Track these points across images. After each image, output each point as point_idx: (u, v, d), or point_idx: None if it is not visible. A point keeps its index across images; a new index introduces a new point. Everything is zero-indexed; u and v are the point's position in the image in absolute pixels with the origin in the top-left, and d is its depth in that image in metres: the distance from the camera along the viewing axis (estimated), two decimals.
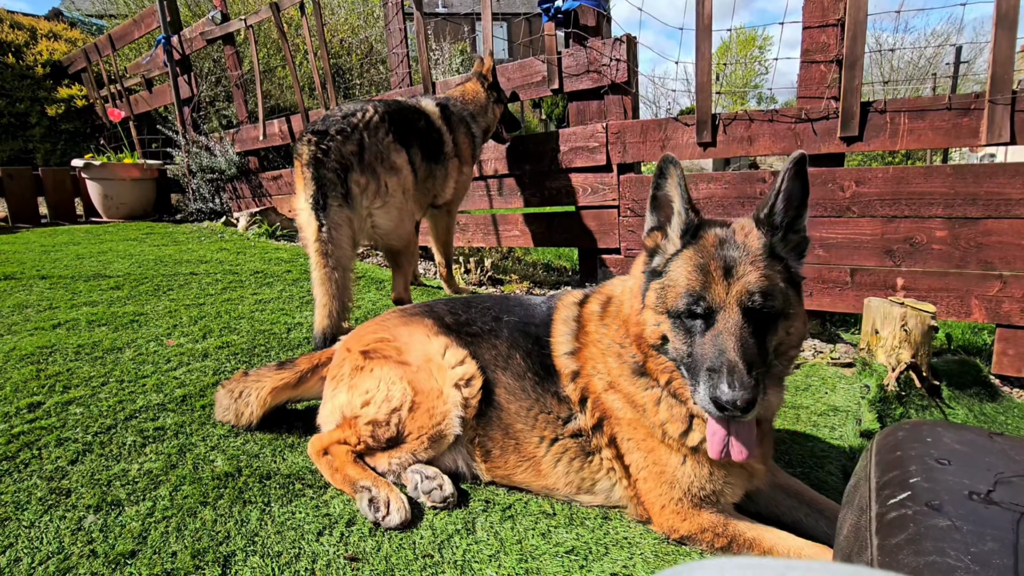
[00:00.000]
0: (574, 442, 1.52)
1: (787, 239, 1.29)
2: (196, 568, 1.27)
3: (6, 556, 1.27)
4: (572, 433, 1.53)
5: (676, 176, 1.30)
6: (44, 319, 2.78)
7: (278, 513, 1.48)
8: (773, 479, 1.51)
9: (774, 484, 1.52)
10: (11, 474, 1.55)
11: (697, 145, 3.24)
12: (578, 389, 1.52)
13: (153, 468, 1.62)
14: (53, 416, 1.86)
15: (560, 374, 1.55)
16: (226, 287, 3.49)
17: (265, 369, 1.87)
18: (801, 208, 1.28)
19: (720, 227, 1.31)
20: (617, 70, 3.42)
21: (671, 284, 1.29)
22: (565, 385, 1.53)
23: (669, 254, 1.33)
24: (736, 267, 1.22)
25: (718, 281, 1.22)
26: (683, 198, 1.30)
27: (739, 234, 1.28)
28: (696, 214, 1.33)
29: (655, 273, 1.35)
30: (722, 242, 1.26)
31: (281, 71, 8.60)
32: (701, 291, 1.23)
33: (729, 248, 1.25)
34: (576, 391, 1.52)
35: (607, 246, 3.70)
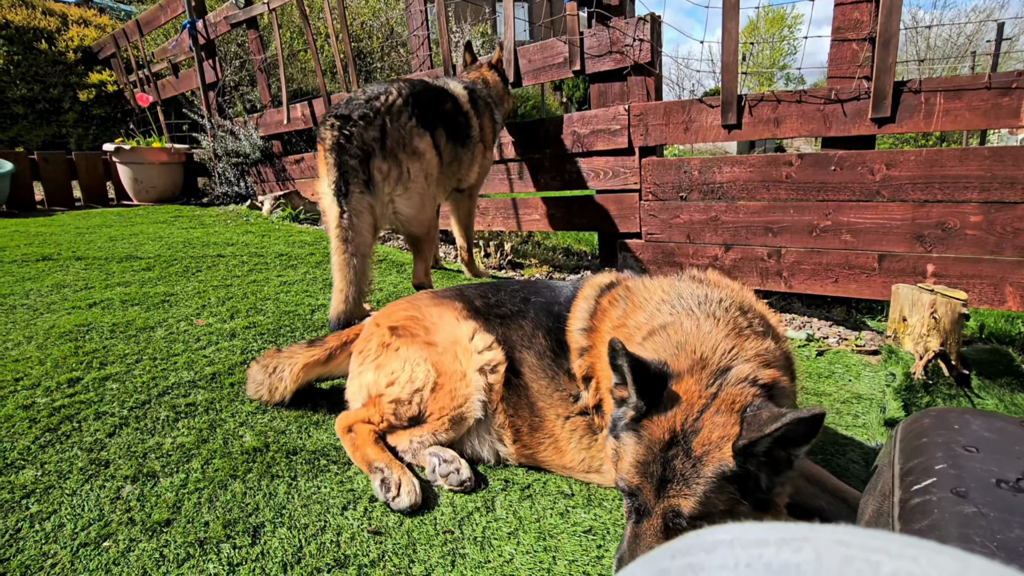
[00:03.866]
0: (582, 420, 1.55)
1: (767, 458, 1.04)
2: (227, 537, 1.33)
3: (51, 522, 1.35)
4: (580, 411, 1.55)
5: (625, 364, 1.11)
6: (80, 298, 2.89)
7: (304, 487, 1.53)
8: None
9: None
10: (53, 445, 1.64)
11: (722, 127, 3.17)
12: (584, 366, 1.52)
13: (185, 442, 1.69)
14: (91, 391, 1.94)
15: (571, 349, 1.56)
16: (252, 269, 3.57)
17: (296, 347, 1.92)
18: (801, 443, 1.02)
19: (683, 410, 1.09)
20: (640, 50, 3.36)
21: (620, 461, 1.16)
22: (574, 360, 1.54)
23: (627, 419, 1.16)
24: (672, 484, 1.06)
25: (650, 489, 1.09)
26: (633, 384, 1.12)
27: (699, 442, 1.05)
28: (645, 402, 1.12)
29: (615, 425, 1.20)
30: (670, 444, 1.07)
31: (304, 55, 8.63)
32: (635, 489, 1.11)
33: (676, 457, 1.06)
34: (582, 368, 1.53)
35: (628, 230, 3.66)
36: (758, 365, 1.14)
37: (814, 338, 2.85)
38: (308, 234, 4.76)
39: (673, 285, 1.44)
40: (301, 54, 8.68)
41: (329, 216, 2.67)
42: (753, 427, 1.01)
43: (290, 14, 8.53)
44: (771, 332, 1.32)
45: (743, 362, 1.14)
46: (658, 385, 1.12)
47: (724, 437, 1.04)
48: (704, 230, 3.32)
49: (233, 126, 6.52)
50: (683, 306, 1.33)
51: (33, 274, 3.29)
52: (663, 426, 1.09)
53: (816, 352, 2.65)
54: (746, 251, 3.19)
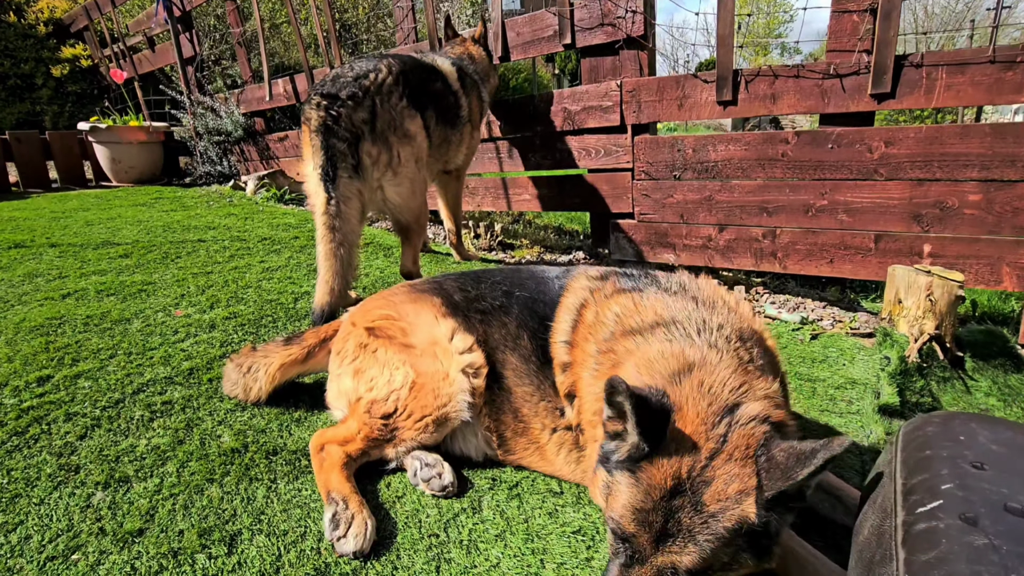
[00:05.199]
0: (569, 435, 1.46)
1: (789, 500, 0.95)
2: (203, 547, 1.28)
3: (17, 534, 1.29)
4: (566, 425, 1.47)
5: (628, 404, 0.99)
6: (54, 288, 2.79)
7: (284, 491, 1.48)
8: None
9: None
10: (21, 450, 1.57)
11: (717, 104, 3.07)
12: (566, 384, 1.43)
13: (161, 444, 1.63)
14: (62, 390, 1.87)
15: (554, 361, 1.47)
16: (234, 254, 3.47)
17: (273, 344, 1.85)
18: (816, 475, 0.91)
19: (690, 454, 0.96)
20: (633, 23, 3.22)
21: (612, 499, 1.04)
22: (557, 375, 1.46)
23: (622, 456, 1.04)
24: (675, 539, 0.94)
25: (647, 539, 0.97)
26: (636, 426, 0.99)
27: (712, 496, 0.93)
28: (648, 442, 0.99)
29: (607, 458, 1.09)
30: (674, 492, 0.95)
31: (287, 27, 8.32)
32: (630, 536, 1.00)
33: (682, 509, 0.94)
34: (564, 385, 1.44)
35: (620, 210, 3.58)
36: (769, 405, 1.03)
37: (808, 320, 2.81)
38: (292, 216, 4.64)
39: (668, 306, 1.29)
40: (284, 26, 8.37)
41: (315, 201, 2.56)
42: (775, 474, 0.90)
43: None
44: (772, 362, 1.22)
45: (753, 400, 1.02)
46: (659, 422, 0.99)
47: (743, 491, 0.92)
48: (698, 210, 3.25)
49: (214, 103, 6.31)
50: (682, 332, 1.20)
51: (4, 263, 3.18)
52: (666, 471, 0.97)
53: (810, 335, 2.61)
54: (740, 231, 3.13)
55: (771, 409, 1.02)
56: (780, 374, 1.25)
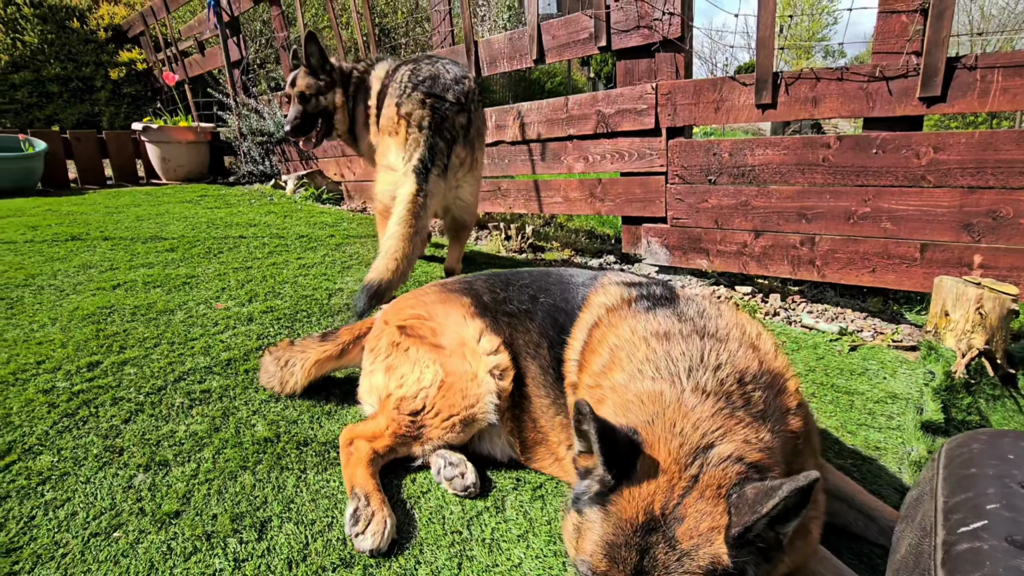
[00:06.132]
0: None
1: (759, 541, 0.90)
2: (235, 532, 1.32)
3: (65, 510, 1.36)
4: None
5: (592, 430, 0.96)
6: (105, 279, 2.93)
7: (313, 481, 1.52)
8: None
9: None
10: (71, 430, 1.66)
11: (755, 107, 3.00)
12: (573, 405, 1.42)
13: (199, 430, 1.69)
14: (110, 376, 1.96)
15: (565, 380, 1.43)
16: (272, 251, 3.58)
17: (309, 340, 1.90)
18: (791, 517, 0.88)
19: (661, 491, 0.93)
20: (670, 25, 3.18)
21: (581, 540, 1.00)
22: (568, 394, 1.42)
23: (592, 493, 1.01)
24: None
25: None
26: (600, 454, 0.96)
27: (685, 533, 0.90)
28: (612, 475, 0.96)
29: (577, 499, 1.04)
30: (648, 528, 0.92)
31: (328, 32, 8.55)
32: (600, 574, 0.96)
33: (656, 546, 0.90)
34: (571, 406, 1.39)
35: (652, 215, 3.54)
36: (747, 448, 0.97)
37: (847, 331, 2.71)
38: (329, 215, 4.75)
39: (666, 339, 1.21)
40: (326, 31, 8.60)
41: (403, 191, 2.66)
42: (743, 509, 0.87)
43: None
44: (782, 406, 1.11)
45: (727, 442, 0.97)
46: (628, 456, 0.96)
47: (714, 529, 0.89)
48: (733, 215, 3.18)
49: (258, 104, 6.53)
50: (669, 371, 1.13)
51: (62, 254, 3.36)
52: (636, 505, 0.93)
53: (849, 347, 2.52)
54: (777, 238, 3.05)
55: (748, 451, 0.97)
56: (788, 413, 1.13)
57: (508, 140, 4.24)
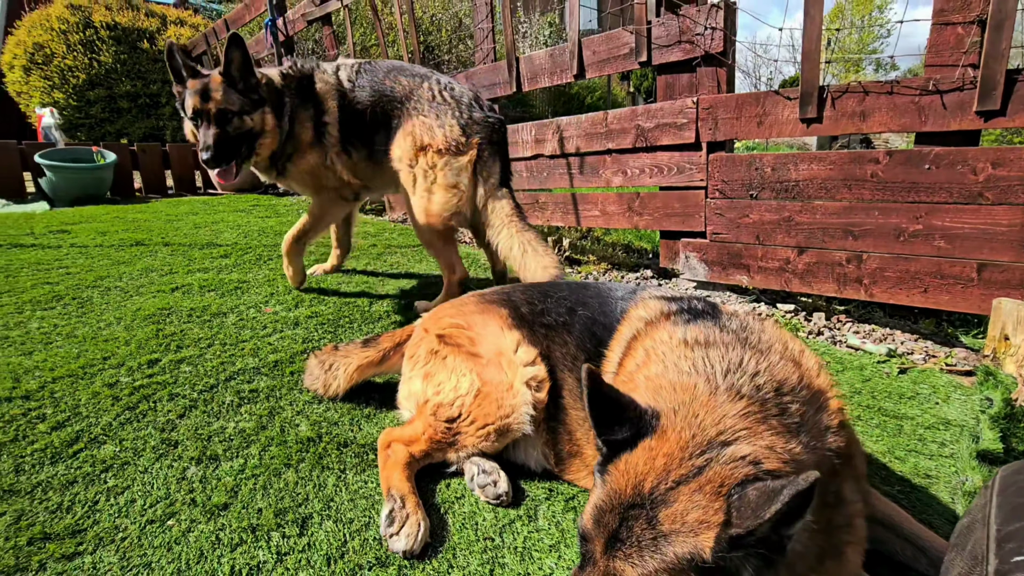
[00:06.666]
0: None
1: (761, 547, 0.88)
2: (278, 526, 1.38)
3: (124, 496, 1.46)
4: None
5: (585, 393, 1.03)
6: (165, 283, 3.12)
7: (352, 481, 1.57)
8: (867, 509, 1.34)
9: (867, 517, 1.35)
10: (132, 423, 1.77)
11: (800, 121, 2.95)
12: None
13: (246, 428, 1.78)
14: (167, 373, 2.09)
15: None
16: (318, 259, 3.71)
17: (353, 345, 1.97)
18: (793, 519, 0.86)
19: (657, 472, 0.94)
20: (712, 39, 3.17)
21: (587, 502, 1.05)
22: None
23: (599, 462, 1.06)
24: (623, 544, 0.93)
25: (600, 540, 0.97)
26: (592, 418, 1.02)
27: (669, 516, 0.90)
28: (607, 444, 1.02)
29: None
30: (633, 503, 0.94)
31: (375, 49, 8.87)
32: (587, 534, 1.00)
33: (636, 519, 0.93)
34: None
35: (692, 229, 3.50)
36: (767, 452, 0.95)
37: (896, 353, 2.61)
38: (372, 225, 4.90)
39: (704, 344, 1.21)
40: (373, 48, 8.92)
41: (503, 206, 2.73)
42: (745, 512, 0.85)
43: (363, 9, 8.77)
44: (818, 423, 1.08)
45: (746, 443, 0.96)
46: (637, 432, 0.99)
47: (703, 522, 0.88)
48: (776, 231, 3.12)
49: None
50: (704, 368, 1.13)
51: (127, 258, 3.59)
52: (629, 478, 0.96)
53: (898, 369, 2.42)
54: (822, 255, 2.97)
55: (767, 456, 0.94)
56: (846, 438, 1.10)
57: (547, 154, 4.29)
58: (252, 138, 2.68)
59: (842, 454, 1.09)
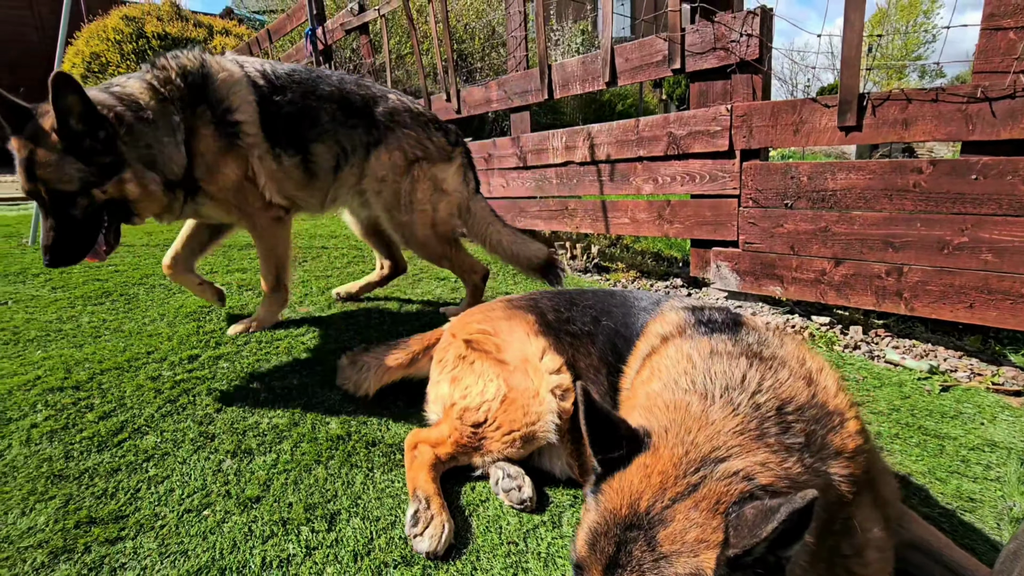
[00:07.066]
0: None
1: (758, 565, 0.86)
2: (307, 520, 1.42)
3: (164, 486, 1.52)
4: None
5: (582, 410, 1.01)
6: None
7: (380, 479, 1.60)
8: (900, 535, 1.27)
9: (902, 542, 1.27)
10: (172, 415, 1.84)
11: (838, 129, 2.88)
12: None
13: (279, 424, 1.83)
14: (206, 368, 2.17)
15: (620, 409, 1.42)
16: (350, 261, 3.80)
17: (382, 347, 2.01)
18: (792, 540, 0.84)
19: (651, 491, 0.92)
20: (748, 46, 3.13)
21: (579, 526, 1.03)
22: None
23: (591, 483, 1.04)
24: (624, 570, 0.90)
25: (597, 569, 0.94)
26: (588, 435, 1.01)
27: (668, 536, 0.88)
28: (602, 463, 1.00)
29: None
30: (630, 523, 0.91)
31: (410, 58, 9.04)
32: (582, 562, 0.97)
33: (635, 542, 0.90)
34: None
35: (723, 238, 3.45)
36: (759, 468, 0.93)
37: (938, 370, 2.51)
38: None
39: (710, 357, 1.19)
40: (408, 57, 9.10)
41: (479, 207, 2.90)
42: (742, 531, 0.83)
43: (399, 18, 8.95)
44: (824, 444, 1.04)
45: (739, 459, 0.94)
46: (628, 452, 0.98)
47: (702, 542, 0.86)
48: (811, 241, 3.04)
49: None
50: (704, 386, 1.11)
51: None
52: (623, 497, 0.94)
53: (940, 387, 2.33)
54: (860, 267, 2.88)
55: (760, 472, 0.93)
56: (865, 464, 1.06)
57: (577, 161, 4.29)
58: (120, 205, 2.01)
59: (857, 480, 1.05)
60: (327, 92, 2.45)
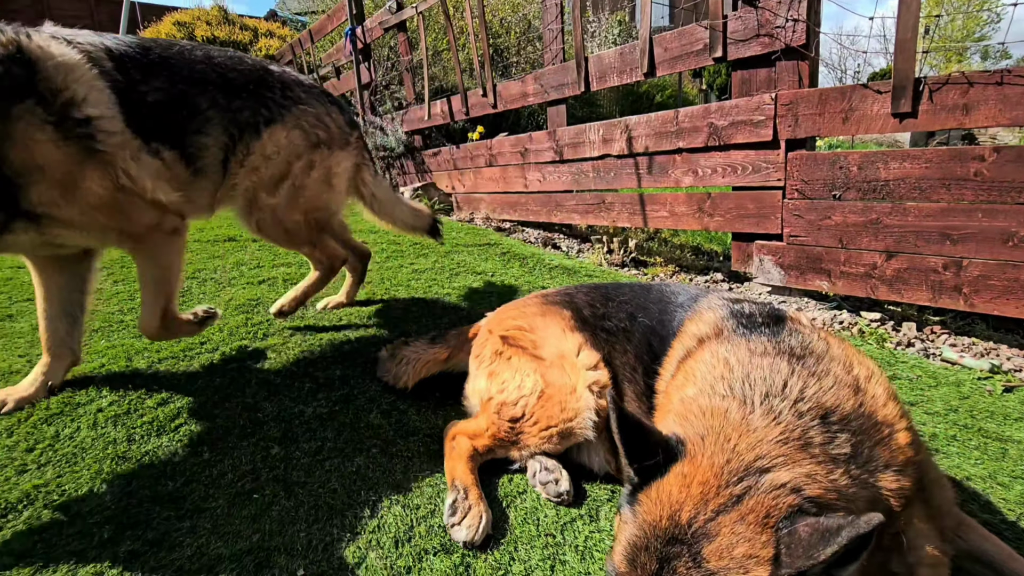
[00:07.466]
0: None
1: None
2: (350, 506, 1.47)
3: (216, 469, 1.60)
4: None
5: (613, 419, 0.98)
6: (253, 275, 3.36)
7: (419, 469, 1.63)
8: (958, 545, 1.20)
9: (960, 552, 1.20)
10: (224, 402, 1.93)
11: (891, 116, 2.74)
12: None
13: (323, 413, 1.89)
14: (255, 359, 2.26)
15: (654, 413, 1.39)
16: (389, 256, 3.87)
17: (422, 341, 2.05)
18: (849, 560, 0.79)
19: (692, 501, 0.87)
20: (794, 32, 3.02)
21: (615, 539, 0.98)
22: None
23: (626, 493, 1.00)
24: None
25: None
26: (622, 445, 0.96)
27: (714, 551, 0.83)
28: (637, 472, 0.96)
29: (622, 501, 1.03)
30: (671, 537, 0.86)
31: (446, 54, 9.11)
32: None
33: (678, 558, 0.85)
34: None
35: (766, 231, 3.34)
36: (807, 480, 0.89)
37: (1000, 369, 2.37)
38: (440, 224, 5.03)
39: (749, 361, 1.14)
40: (444, 53, 9.17)
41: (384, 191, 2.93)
42: (796, 551, 0.79)
43: (436, 15, 9.03)
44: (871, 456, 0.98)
45: (785, 470, 0.89)
46: (664, 461, 0.94)
47: (751, 557, 0.81)
48: (861, 234, 2.92)
49: (382, 122, 7.11)
50: (743, 392, 1.06)
51: (220, 252, 3.90)
52: (663, 508, 0.89)
53: (1003, 387, 2.21)
54: (914, 260, 2.75)
55: (808, 484, 0.88)
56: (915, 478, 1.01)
57: (615, 154, 4.24)
58: None
59: (907, 495, 1.00)
60: (200, 72, 1.95)
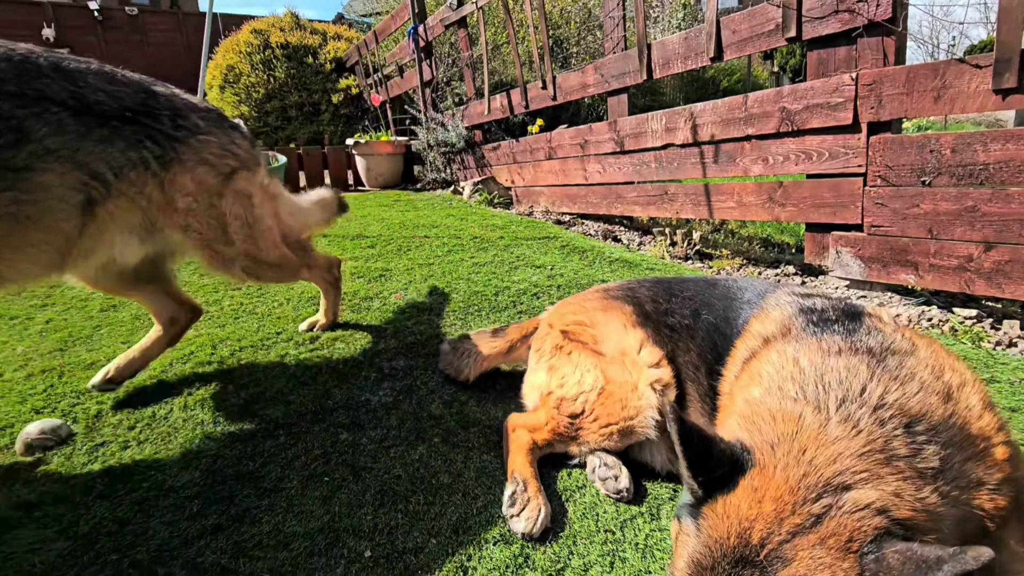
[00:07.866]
0: None
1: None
2: (412, 493, 1.52)
3: (291, 452, 1.70)
4: None
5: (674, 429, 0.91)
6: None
7: (478, 460, 1.67)
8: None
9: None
10: (297, 390, 2.05)
11: (992, 93, 2.48)
12: None
13: (387, 402, 1.97)
14: (325, 349, 2.38)
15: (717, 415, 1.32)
16: (450, 250, 3.95)
17: (483, 334, 2.08)
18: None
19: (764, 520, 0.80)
20: (878, 5, 2.79)
21: (676, 555, 0.92)
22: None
23: (688, 503, 0.94)
24: None
25: None
26: (683, 455, 0.89)
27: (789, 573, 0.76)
28: (701, 484, 0.88)
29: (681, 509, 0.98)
30: (740, 557, 0.79)
31: (506, 48, 9.13)
32: None
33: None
34: None
35: (845, 221, 3.13)
36: (894, 499, 0.81)
37: None
38: (500, 218, 5.09)
39: (823, 362, 1.05)
40: (504, 47, 9.19)
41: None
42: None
43: (495, 10, 9.06)
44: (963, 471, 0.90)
45: (869, 488, 0.81)
46: (730, 473, 0.88)
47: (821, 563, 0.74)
48: (954, 223, 2.67)
49: (443, 118, 7.24)
50: (817, 396, 0.97)
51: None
52: (730, 525, 0.82)
53: None
54: (1018, 252, 2.49)
55: (895, 504, 0.80)
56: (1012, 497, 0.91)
57: (678, 143, 4.10)
58: None
59: (1003, 515, 0.90)
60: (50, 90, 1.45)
